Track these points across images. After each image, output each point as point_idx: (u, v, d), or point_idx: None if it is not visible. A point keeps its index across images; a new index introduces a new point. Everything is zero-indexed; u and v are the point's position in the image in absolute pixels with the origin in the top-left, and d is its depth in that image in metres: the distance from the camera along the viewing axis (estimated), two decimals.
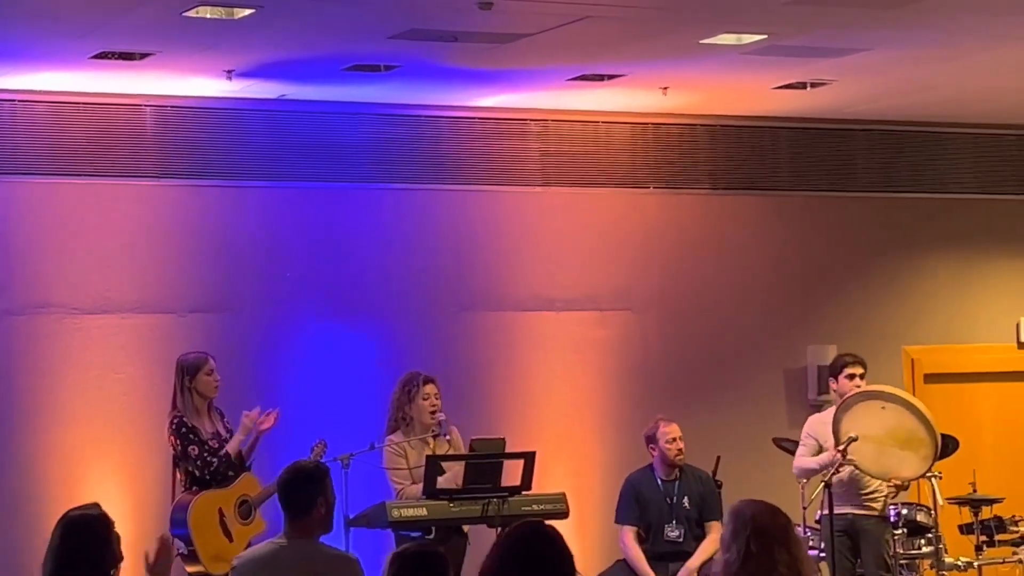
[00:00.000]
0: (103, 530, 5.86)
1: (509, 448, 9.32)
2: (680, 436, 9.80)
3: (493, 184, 10.86)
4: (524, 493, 9.08)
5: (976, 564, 10.19)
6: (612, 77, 10.00)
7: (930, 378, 11.77)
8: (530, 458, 9.12)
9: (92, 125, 9.88)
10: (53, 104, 9.79)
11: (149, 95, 9.93)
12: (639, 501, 9.81)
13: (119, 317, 9.92)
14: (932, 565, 10.05)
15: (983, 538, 10.28)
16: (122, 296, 9.93)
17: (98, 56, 8.95)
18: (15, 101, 9.71)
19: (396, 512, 8.78)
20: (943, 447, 9.71)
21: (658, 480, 9.85)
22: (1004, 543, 10.44)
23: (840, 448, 9.34)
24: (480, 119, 10.80)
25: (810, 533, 9.83)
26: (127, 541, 6.07)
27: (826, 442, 9.55)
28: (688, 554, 9.73)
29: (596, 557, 9.96)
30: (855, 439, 9.34)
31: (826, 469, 9.35)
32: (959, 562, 10.09)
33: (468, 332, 10.72)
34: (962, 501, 10.35)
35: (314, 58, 9.24)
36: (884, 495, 9.75)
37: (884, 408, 9.42)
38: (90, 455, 9.75)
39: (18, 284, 9.75)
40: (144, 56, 9.00)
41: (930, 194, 11.99)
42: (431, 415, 9.24)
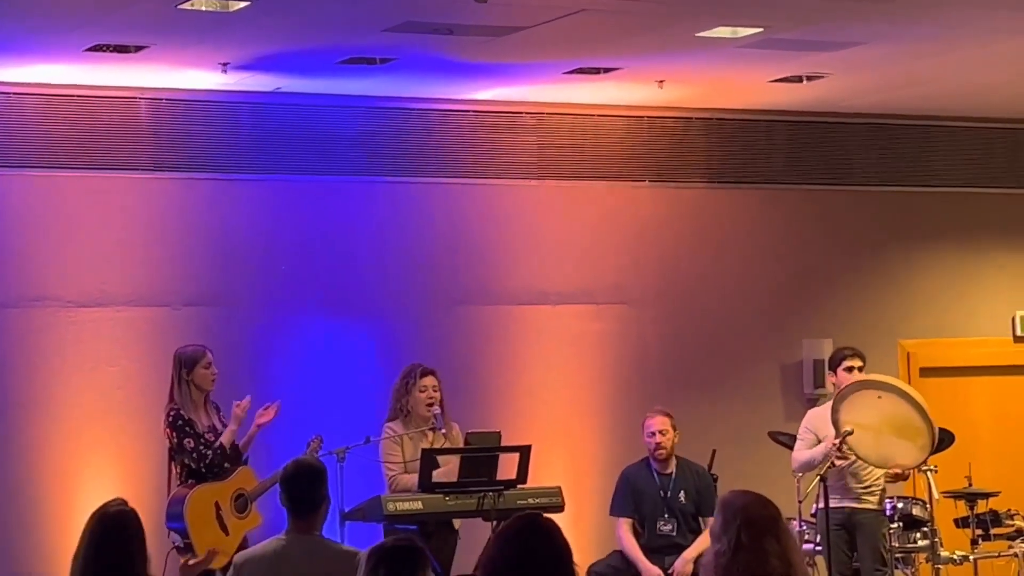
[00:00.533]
0: (138, 525, 5.82)
1: (505, 442, 9.32)
2: (662, 430, 9.76)
3: (489, 177, 10.84)
4: (520, 487, 9.08)
5: (972, 558, 10.20)
6: (608, 70, 9.99)
7: (926, 372, 11.77)
8: (526, 452, 9.12)
9: (87, 118, 9.86)
10: (47, 97, 9.77)
11: (144, 88, 9.91)
12: (634, 494, 9.80)
13: (113, 310, 9.90)
14: (928, 559, 10.06)
15: (979, 532, 10.28)
16: (116, 289, 9.92)
17: (92, 49, 8.93)
18: (9, 94, 9.69)
19: (392, 506, 8.78)
20: (939, 441, 9.72)
21: (654, 473, 9.84)
22: (1000, 537, 10.45)
23: (836, 441, 9.35)
24: (476, 112, 10.78)
25: (806, 527, 9.84)
26: None
27: (824, 436, 9.55)
28: (682, 547, 9.73)
29: (592, 551, 9.95)
30: (850, 433, 9.35)
31: (825, 460, 9.36)
32: (955, 556, 10.10)
33: (463, 326, 10.71)
34: (958, 495, 10.35)
35: (309, 51, 9.23)
36: (881, 489, 9.76)
37: (880, 397, 9.43)
38: (84, 448, 9.73)
39: (12, 277, 9.73)
40: (139, 49, 8.98)
41: (926, 188, 11.99)
42: (427, 407, 9.25)
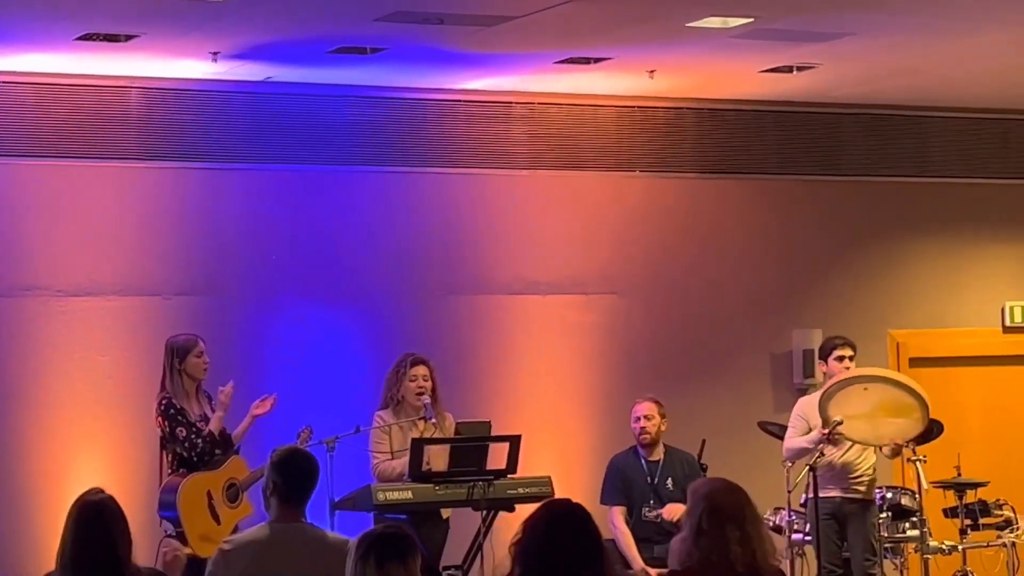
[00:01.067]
0: (119, 513, 5.83)
1: (495, 431, 9.34)
2: (648, 415, 9.77)
3: (479, 167, 10.85)
4: (509, 476, 9.09)
5: (961, 548, 10.23)
6: (598, 60, 9.99)
7: (915, 362, 11.79)
8: (515, 441, 9.13)
9: (77, 107, 9.86)
10: (38, 86, 9.76)
11: (134, 77, 9.90)
12: (623, 481, 9.81)
13: (104, 299, 9.90)
14: (917, 549, 10.08)
15: (967, 522, 10.31)
16: (107, 278, 9.92)
17: (83, 38, 8.92)
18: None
19: (382, 495, 8.79)
20: (928, 431, 9.75)
21: (641, 460, 9.86)
22: (988, 527, 10.47)
23: (826, 432, 9.38)
24: (466, 102, 10.78)
25: (795, 517, 9.86)
26: None
27: (816, 423, 9.57)
28: (671, 534, 9.72)
29: None
30: (840, 423, 9.38)
31: (817, 447, 9.39)
32: (944, 546, 10.13)
33: (453, 315, 10.71)
34: (947, 485, 10.38)
35: (300, 40, 9.22)
36: (871, 479, 9.78)
37: (866, 389, 9.47)
38: (75, 437, 9.74)
39: (2, 267, 9.73)
40: (129, 38, 8.97)
41: (916, 178, 12.00)
42: (418, 396, 9.26)
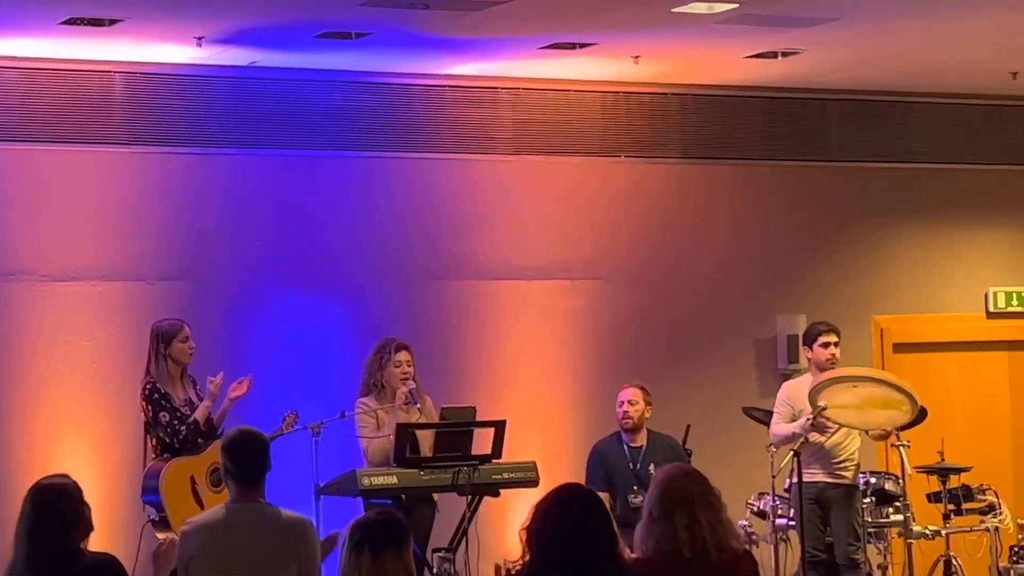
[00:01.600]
0: (73, 499, 5.84)
1: (480, 417, 9.34)
2: (632, 400, 9.80)
3: (464, 152, 10.84)
4: (495, 461, 9.10)
5: (944, 532, 10.25)
6: (584, 46, 9.99)
7: (899, 347, 11.82)
8: (500, 427, 9.14)
9: (61, 92, 9.83)
10: (21, 70, 9.74)
11: (118, 61, 9.88)
12: (605, 468, 9.83)
13: (88, 284, 9.89)
14: (900, 533, 10.11)
15: (951, 507, 10.33)
16: (92, 263, 9.90)
17: (67, 22, 8.90)
18: None
19: (367, 480, 8.80)
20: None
21: (624, 446, 9.88)
22: (972, 512, 10.49)
23: (810, 417, 9.40)
24: (451, 87, 10.78)
25: (779, 502, 9.88)
26: (96, 507, 6.06)
27: (801, 409, 9.59)
28: None
29: None
30: (824, 408, 9.40)
31: (802, 435, 9.41)
32: (927, 531, 10.15)
33: (439, 300, 10.71)
34: (930, 470, 10.40)
35: (285, 25, 9.21)
36: (856, 464, 9.81)
37: (855, 387, 9.51)
38: (59, 422, 9.73)
39: None
40: (113, 22, 8.95)
41: (900, 164, 12.02)
42: (401, 382, 9.27)
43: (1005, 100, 12.19)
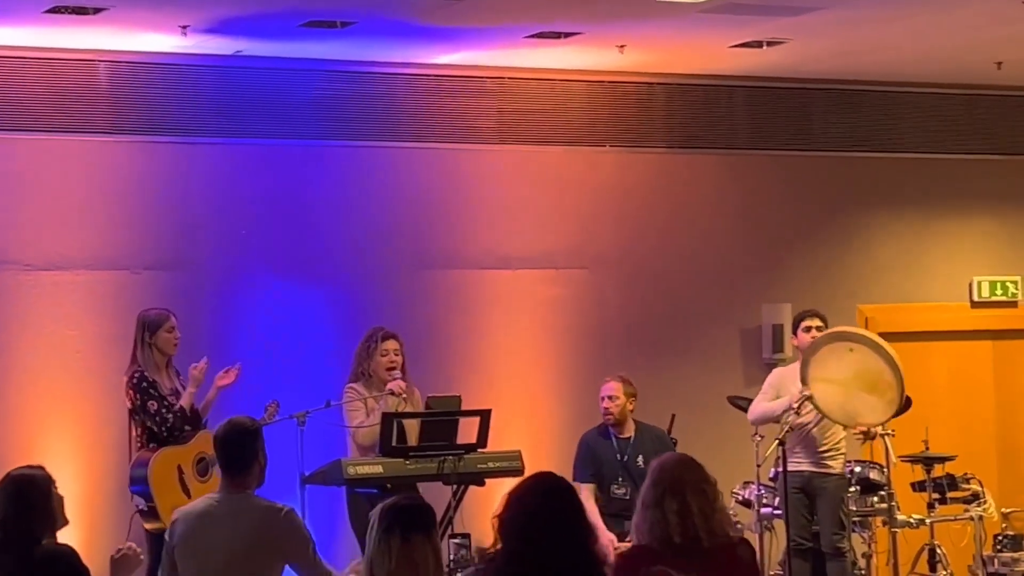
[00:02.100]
0: (42, 490, 5.84)
1: (465, 406, 9.34)
2: (612, 395, 9.79)
3: (449, 142, 10.83)
4: (480, 451, 9.11)
5: (928, 521, 10.28)
6: (569, 35, 9.98)
7: (884, 337, 11.73)
8: (486, 416, 9.15)
9: (45, 80, 9.81)
10: (5, 59, 9.71)
11: (103, 50, 9.85)
12: (593, 459, 9.84)
13: (73, 273, 9.87)
14: (885, 522, 10.13)
15: (935, 496, 10.36)
16: (76, 253, 9.89)
17: (51, 11, 8.87)
18: None
19: (352, 469, 8.80)
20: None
21: (612, 437, 9.88)
22: (956, 500, 10.53)
23: (795, 402, 9.41)
24: (436, 76, 10.77)
25: (764, 491, 9.89)
26: (79, 498, 6.07)
27: (787, 394, 9.62)
28: None
29: None
30: (809, 396, 9.41)
31: (783, 415, 9.42)
32: (911, 519, 10.17)
33: (424, 290, 10.71)
34: (915, 459, 10.43)
35: (270, 14, 9.19)
36: (842, 452, 9.82)
37: (852, 350, 9.49)
38: (43, 411, 9.71)
39: None
40: (98, 11, 8.93)
41: (885, 153, 12.04)
42: (388, 371, 9.27)
43: (989, 90, 12.21)
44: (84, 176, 9.95)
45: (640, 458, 9.80)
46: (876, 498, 10.07)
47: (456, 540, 8.88)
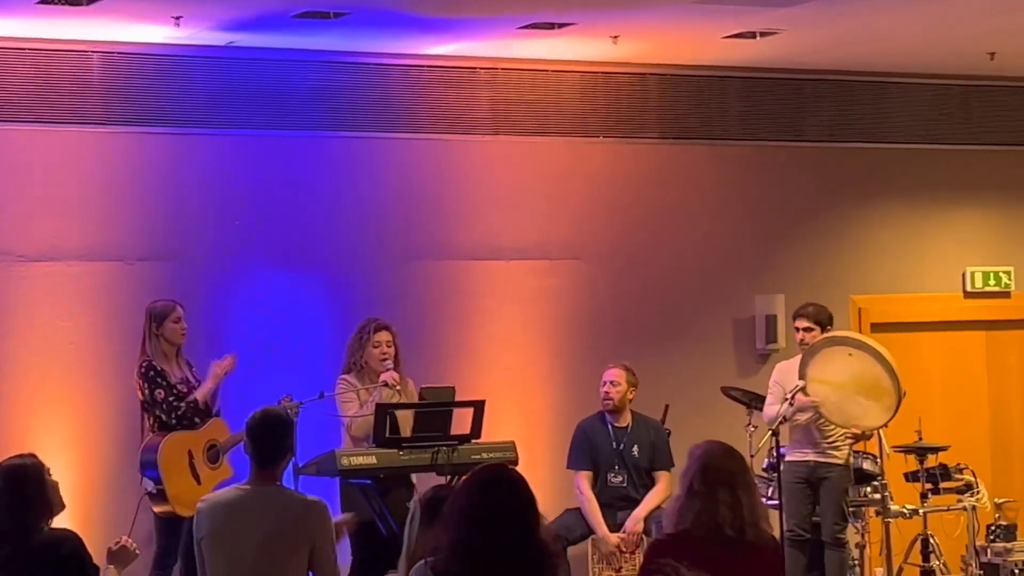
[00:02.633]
0: (34, 478, 5.85)
1: (459, 397, 9.34)
2: (614, 381, 9.86)
3: (442, 133, 10.83)
4: (474, 441, 9.10)
5: (921, 511, 10.28)
6: (562, 25, 9.98)
7: (877, 327, 11.83)
8: (479, 406, 9.14)
9: (38, 71, 9.80)
10: None
11: (95, 41, 9.84)
12: (590, 447, 9.85)
13: (66, 264, 9.86)
14: (878, 512, 10.14)
15: (928, 486, 10.37)
16: (69, 244, 9.87)
17: (44, 2, 8.86)
18: None
19: (346, 460, 8.79)
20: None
21: (608, 426, 9.90)
22: (949, 491, 10.54)
23: (788, 396, 9.43)
24: (430, 67, 10.76)
25: (758, 481, 9.90)
26: (72, 488, 6.07)
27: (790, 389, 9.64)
28: (633, 500, 9.80)
29: (546, 505, 9.86)
30: (801, 388, 9.43)
31: (792, 415, 9.47)
32: (905, 509, 10.18)
33: (417, 281, 10.70)
34: (908, 449, 10.43)
35: (263, 5, 9.18)
36: (847, 444, 9.82)
37: (851, 355, 9.52)
38: (36, 403, 9.70)
39: None
40: (91, 2, 8.91)
41: (878, 144, 12.04)
42: (381, 362, 9.27)
43: (982, 80, 12.21)
44: (77, 167, 9.94)
45: (636, 448, 9.83)
46: (869, 488, 10.09)
47: None
